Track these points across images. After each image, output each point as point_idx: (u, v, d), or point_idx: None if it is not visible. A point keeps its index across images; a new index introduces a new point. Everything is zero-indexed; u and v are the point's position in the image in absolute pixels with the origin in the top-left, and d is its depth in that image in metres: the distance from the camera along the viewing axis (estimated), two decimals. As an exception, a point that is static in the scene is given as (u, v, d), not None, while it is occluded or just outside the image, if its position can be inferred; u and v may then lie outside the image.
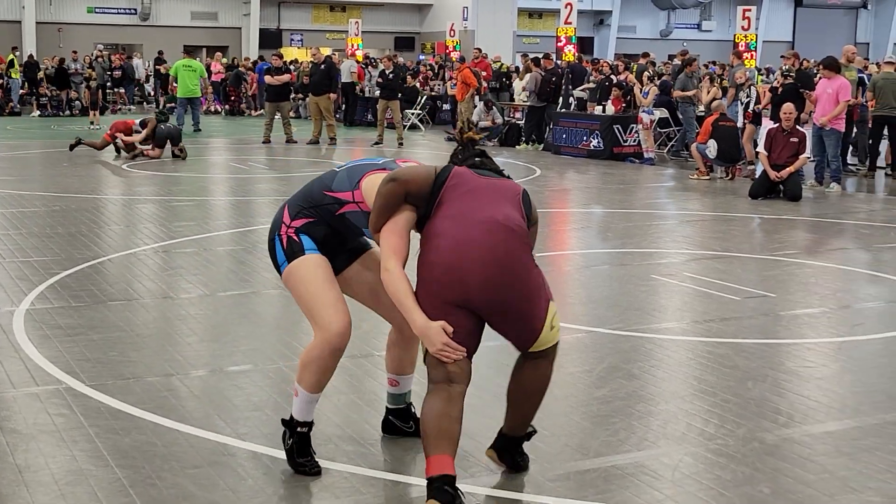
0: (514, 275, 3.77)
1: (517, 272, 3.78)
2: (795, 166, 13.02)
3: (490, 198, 3.88)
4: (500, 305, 3.81)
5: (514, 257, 3.77)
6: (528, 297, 3.84)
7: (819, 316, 7.06)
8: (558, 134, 19.22)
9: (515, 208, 3.89)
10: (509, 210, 3.85)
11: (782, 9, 46.76)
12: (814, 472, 4.27)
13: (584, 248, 9.89)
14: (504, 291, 3.77)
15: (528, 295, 3.84)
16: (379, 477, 4.15)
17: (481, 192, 3.89)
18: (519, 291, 3.80)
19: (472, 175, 3.97)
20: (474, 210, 3.82)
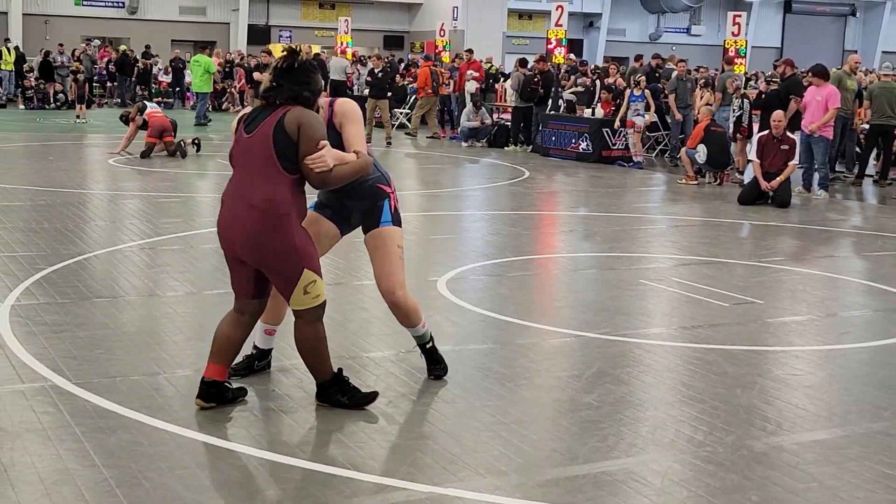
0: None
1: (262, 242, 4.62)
2: (785, 174, 13.05)
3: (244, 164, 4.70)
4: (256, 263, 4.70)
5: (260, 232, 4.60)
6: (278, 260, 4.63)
7: (807, 323, 7.07)
8: (547, 136, 19.23)
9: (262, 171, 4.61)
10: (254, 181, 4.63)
11: (771, 15, 46.95)
12: (802, 480, 4.27)
13: (572, 252, 9.89)
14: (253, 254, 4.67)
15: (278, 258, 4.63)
16: (365, 480, 4.12)
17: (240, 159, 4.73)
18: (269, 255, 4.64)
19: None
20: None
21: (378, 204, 5.16)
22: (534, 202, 13.52)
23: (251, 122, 4.68)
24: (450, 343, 6.24)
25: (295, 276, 4.64)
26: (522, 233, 10.78)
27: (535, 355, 6.04)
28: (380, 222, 5.15)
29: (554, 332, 6.59)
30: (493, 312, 6.99)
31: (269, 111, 4.64)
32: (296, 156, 4.56)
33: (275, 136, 4.55)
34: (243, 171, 4.67)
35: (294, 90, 4.64)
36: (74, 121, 23.49)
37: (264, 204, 4.56)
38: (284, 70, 4.67)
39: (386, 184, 5.21)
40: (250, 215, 4.58)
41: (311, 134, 4.55)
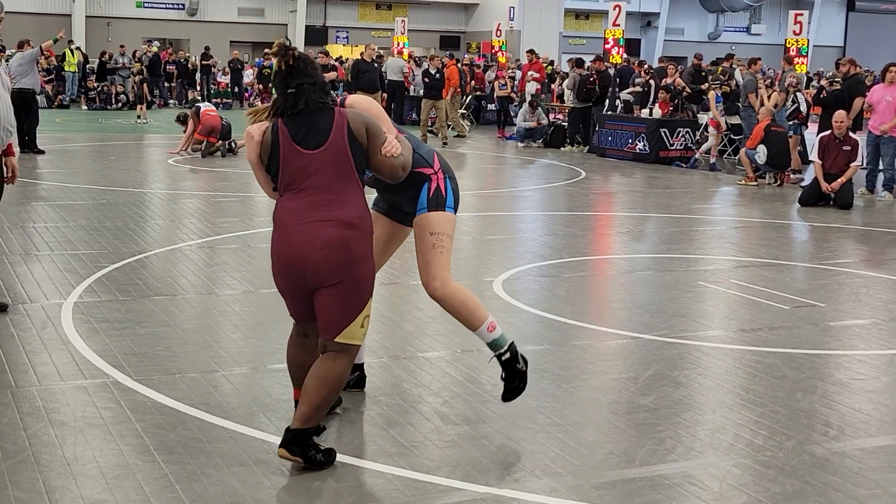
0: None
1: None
2: (847, 175, 12.83)
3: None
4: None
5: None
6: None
7: (870, 327, 6.95)
8: (604, 136, 19.12)
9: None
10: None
11: (834, 13, 46.23)
12: (865, 487, 4.19)
13: (629, 253, 9.81)
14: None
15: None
16: (423, 480, 4.12)
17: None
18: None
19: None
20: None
21: (419, 191, 4.65)
22: (590, 203, 13.44)
23: (304, 137, 4.12)
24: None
25: (361, 305, 4.15)
26: (579, 233, 10.73)
27: (592, 357, 6.01)
28: (416, 210, 4.66)
29: (610, 333, 6.55)
30: (549, 313, 6.96)
31: (320, 118, 4.13)
32: (363, 164, 4.18)
33: (351, 146, 4.12)
34: (317, 189, 4.10)
35: (315, 82, 4.17)
36: (135, 121, 23.84)
37: (359, 221, 4.11)
38: (293, 69, 4.18)
39: (427, 165, 4.67)
40: (343, 235, 4.06)
41: (376, 128, 4.19)
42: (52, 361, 5.51)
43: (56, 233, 9.31)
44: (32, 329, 6.13)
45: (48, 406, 4.81)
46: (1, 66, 6.38)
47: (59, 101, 28.39)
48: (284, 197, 4.17)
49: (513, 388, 4.81)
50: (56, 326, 6.20)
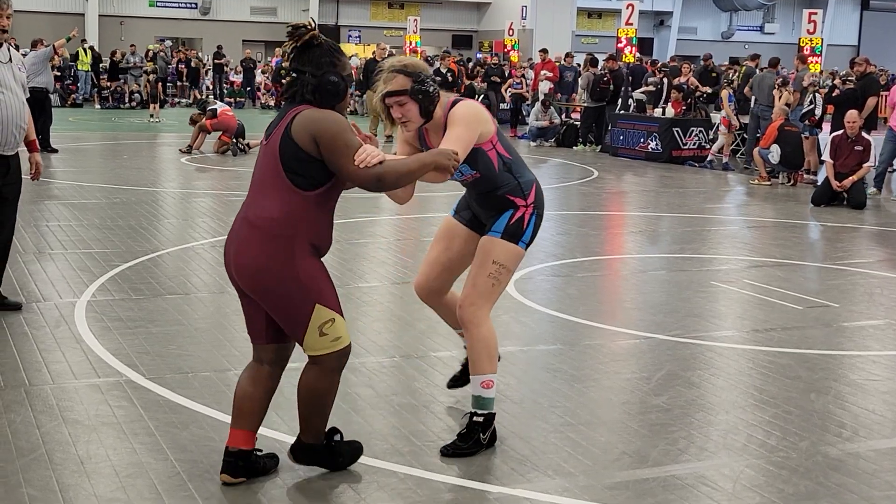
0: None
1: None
2: (859, 175, 12.79)
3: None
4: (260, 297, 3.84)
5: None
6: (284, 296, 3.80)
7: (884, 328, 6.92)
8: (616, 135, 19.08)
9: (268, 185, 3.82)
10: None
11: (848, 12, 46.05)
12: (879, 488, 4.17)
13: (641, 253, 9.79)
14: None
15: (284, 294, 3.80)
16: (434, 479, 4.12)
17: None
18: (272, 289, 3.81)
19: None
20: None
21: (500, 213, 4.47)
22: (603, 202, 13.42)
23: (270, 127, 3.88)
24: (518, 343, 6.22)
25: (303, 313, 3.78)
26: (591, 233, 10.71)
27: (604, 357, 6.00)
28: (490, 230, 4.47)
29: (623, 333, 6.53)
30: (561, 313, 6.95)
31: (286, 111, 3.82)
32: (309, 170, 3.73)
33: (281, 147, 3.74)
34: (252, 183, 3.90)
35: (318, 76, 3.77)
36: (148, 120, 23.90)
37: (261, 221, 3.75)
38: (302, 51, 3.83)
39: (520, 196, 4.45)
40: (248, 234, 3.78)
41: (333, 142, 3.68)
42: (65, 360, 5.53)
43: (69, 231, 9.34)
44: (46, 328, 6.15)
45: (62, 404, 4.83)
46: (16, 63, 6.35)
47: (72, 100, 28.49)
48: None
49: (459, 448, 4.39)
50: (69, 325, 6.22)
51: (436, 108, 4.27)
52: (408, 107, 4.22)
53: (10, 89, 6.30)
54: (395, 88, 4.21)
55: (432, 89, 4.24)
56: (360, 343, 6.00)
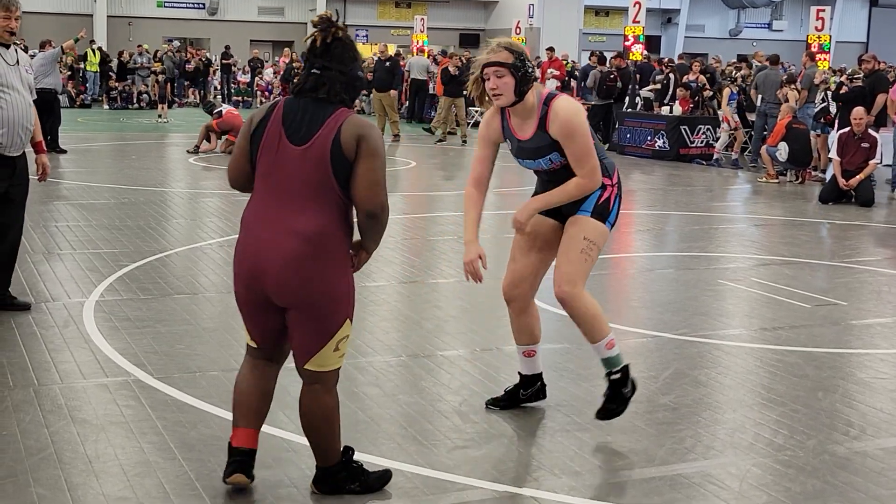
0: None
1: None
2: (865, 173, 12.75)
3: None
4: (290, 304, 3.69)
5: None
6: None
7: (892, 326, 6.90)
8: (623, 133, 19.06)
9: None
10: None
11: (857, 9, 45.87)
12: (887, 487, 4.17)
13: (649, 251, 9.78)
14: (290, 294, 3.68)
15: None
16: (441, 478, 4.13)
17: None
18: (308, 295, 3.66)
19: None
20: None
21: (588, 196, 4.62)
22: (610, 201, 13.39)
23: (295, 127, 3.62)
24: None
25: (335, 327, 3.69)
26: (598, 231, 10.68)
27: (612, 355, 5.98)
28: (578, 210, 4.61)
29: (630, 332, 6.53)
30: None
31: (320, 112, 3.61)
32: (351, 176, 3.61)
33: (332, 152, 3.56)
34: (285, 190, 3.62)
35: (346, 73, 3.64)
36: (156, 120, 23.95)
37: (316, 233, 3.59)
38: (328, 47, 3.66)
39: (606, 175, 4.63)
40: (297, 246, 3.58)
41: (372, 150, 3.59)
42: (73, 360, 5.55)
43: (78, 231, 9.37)
44: (55, 327, 6.18)
45: (70, 404, 4.85)
46: (24, 65, 6.37)
47: (80, 101, 28.55)
48: (255, 194, 3.72)
49: (611, 409, 4.67)
50: (78, 325, 6.24)
51: (528, 93, 4.44)
52: (505, 80, 4.40)
53: (17, 91, 6.31)
54: (500, 60, 4.39)
55: (530, 71, 4.45)
56: (368, 342, 6.01)
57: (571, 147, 4.45)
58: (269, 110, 3.69)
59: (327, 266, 3.62)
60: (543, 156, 4.57)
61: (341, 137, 3.55)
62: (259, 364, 3.91)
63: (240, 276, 3.74)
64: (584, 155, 4.45)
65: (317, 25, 3.66)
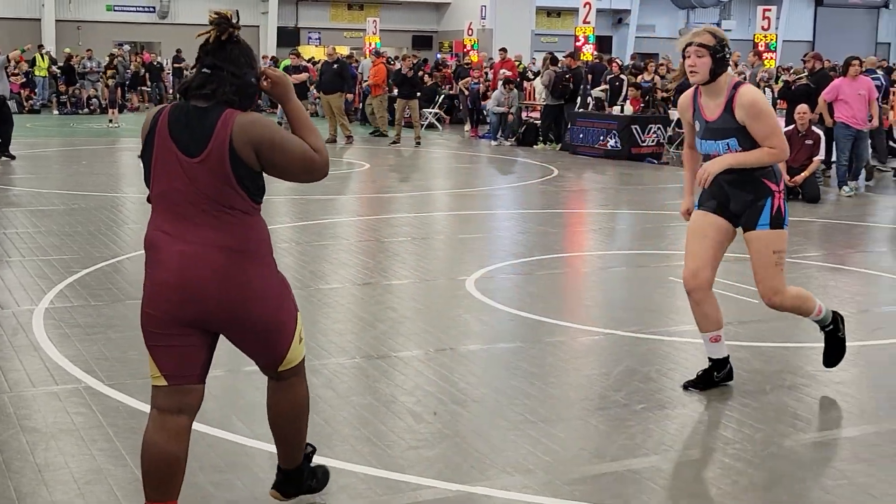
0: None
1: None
2: (810, 170, 12.95)
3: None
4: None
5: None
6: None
7: (838, 319, 7.01)
8: (575, 134, 19.19)
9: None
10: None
11: (803, 8, 46.53)
12: (833, 478, 4.25)
13: (602, 250, 9.87)
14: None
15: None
16: (395, 479, 4.15)
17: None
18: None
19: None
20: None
21: (760, 203, 5.08)
22: (563, 200, 13.50)
23: (184, 137, 3.31)
24: (479, 342, 6.26)
25: (290, 329, 3.53)
26: (551, 231, 10.78)
27: (564, 353, 6.05)
28: (757, 224, 5.10)
29: (583, 330, 6.59)
30: (522, 311, 7.00)
31: (206, 117, 3.31)
32: (256, 181, 3.37)
33: (232, 163, 3.29)
34: (192, 205, 3.34)
35: (239, 76, 3.37)
36: (107, 125, 23.71)
37: (238, 244, 3.34)
38: (222, 45, 3.39)
39: (774, 181, 5.10)
40: (226, 260, 3.32)
41: (273, 143, 3.32)
42: (23, 368, 5.50)
43: (27, 238, 9.26)
44: (3, 336, 6.11)
45: (19, 412, 4.80)
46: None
47: (29, 107, 28.19)
48: (157, 213, 3.46)
49: (832, 358, 5.56)
50: (27, 333, 6.18)
51: (721, 76, 5.02)
52: (704, 60, 4.97)
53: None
54: (703, 42, 4.98)
55: (728, 57, 5.05)
56: (321, 344, 6.02)
57: (757, 126, 4.93)
58: (153, 123, 3.40)
59: (258, 275, 3.39)
60: (726, 138, 5.03)
61: (237, 149, 3.28)
62: (168, 420, 3.45)
63: (160, 295, 3.38)
64: (771, 133, 4.96)
65: (213, 22, 3.40)
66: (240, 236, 3.35)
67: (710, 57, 4.95)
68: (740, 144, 4.98)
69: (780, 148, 4.99)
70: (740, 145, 4.98)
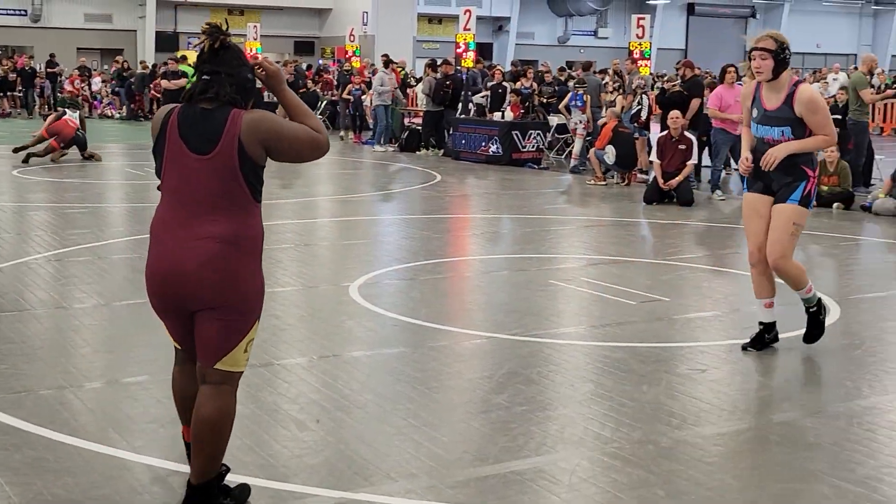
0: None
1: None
2: (684, 174, 13.33)
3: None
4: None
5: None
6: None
7: (711, 319, 7.26)
8: (458, 139, 19.35)
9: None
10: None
11: (675, 17, 47.87)
12: (706, 473, 4.39)
13: (484, 254, 9.97)
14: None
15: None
16: (278, 488, 4.12)
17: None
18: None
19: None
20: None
21: (795, 183, 5.96)
22: (445, 205, 13.59)
23: (194, 136, 3.66)
24: (362, 348, 6.27)
25: (247, 326, 3.75)
26: (434, 236, 10.84)
27: (448, 358, 6.10)
28: (788, 199, 5.97)
29: (466, 334, 6.66)
30: (405, 316, 7.03)
31: (215, 118, 3.66)
32: (259, 179, 3.72)
33: (241, 160, 3.62)
34: (196, 200, 3.66)
35: (235, 76, 3.72)
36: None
37: (232, 236, 3.65)
38: (216, 52, 3.74)
39: (811, 168, 6.00)
40: (214, 247, 3.62)
41: (278, 134, 3.69)
42: None
43: None
44: None
45: None
46: None
47: None
48: (163, 204, 3.77)
49: (814, 335, 6.27)
50: None
51: (782, 74, 5.87)
52: (767, 62, 5.84)
53: None
54: (765, 46, 5.86)
55: (788, 58, 5.93)
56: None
57: (814, 119, 5.86)
58: (164, 122, 3.74)
59: (242, 267, 3.69)
60: (782, 125, 5.90)
61: (245, 146, 3.63)
62: (187, 368, 3.93)
63: (153, 283, 3.77)
64: (824, 124, 5.90)
65: (205, 33, 3.77)
66: (236, 229, 3.67)
67: (773, 59, 5.84)
68: (793, 132, 5.87)
69: (833, 135, 5.97)
70: (793, 133, 5.87)
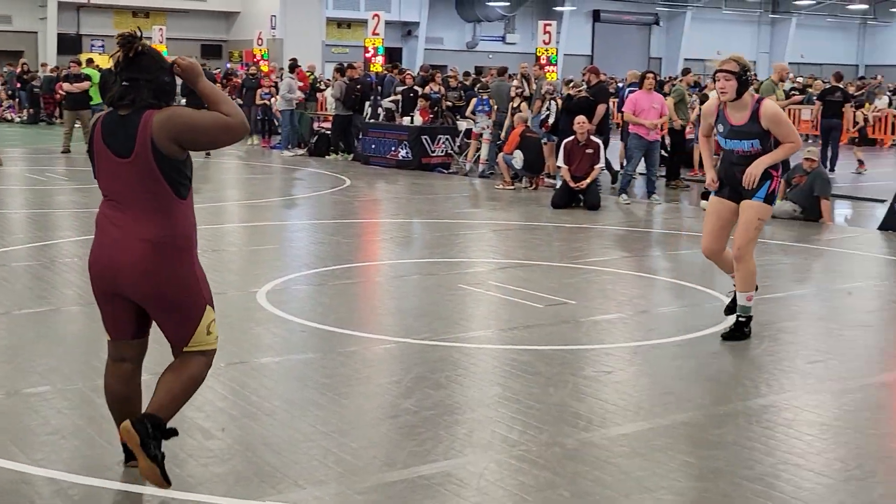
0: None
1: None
2: (592, 177, 13.53)
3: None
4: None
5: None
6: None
7: (616, 321, 7.38)
8: (367, 144, 19.32)
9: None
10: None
11: (581, 24, 48.53)
12: (611, 473, 4.46)
13: (393, 259, 9.98)
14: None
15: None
16: (184, 498, 4.07)
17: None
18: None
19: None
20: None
21: (762, 182, 6.50)
22: (355, 210, 13.57)
23: (114, 140, 3.92)
24: (271, 354, 6.22)
25: (198, 315, 4.08)
26: (343, 241, 10.81)
27: (357, 363, 6.09)
28: (753, 196, 6.54)
29: (375, 339, 6.65)
30: (314, 322, 7.00)
31: (131, 122, 3.90)
32: (182, 175, 3.99)
33: (157, 159, 3.88)
34: (124, 199, 3.96)
35: (154, 80, 3.95)
36: None
37: (160, 236, 3.94)
38: (132, 60, 3.96)
39: (775, 168, 6.55)
40: (144, 250, 3.93)
41: (191, 127, 3.92)
42: None
43: None
44: None
45: None
46: None
47: None
48: (103, 201, 4.08)
49: (736, 336, 6.71)
50: None
51: (744, 95, 6.43)
52: (731, 83, 6.38)
53: None
54: (729, 69, 6.40)
55: (749, 80, 6.52)
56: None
57: (780, 130, 6.46)
58: (93, 128, 4.03)
59: (175, 265, 3.99)
60: (751, 139, 6.46)
61: (158, 145, 3.87)
62: (116, 367, 4.25)
63: (94, 270, 4.07)
64: (788, 133, 6.50)
65: (119, 43, 3.98)
66: (163, 228, 3.94)
67: (736, 80, 6.37)
68: (761, 144, 6.45)
69: (798, 141, 6.56)
70: (761, 144, 6.45)
